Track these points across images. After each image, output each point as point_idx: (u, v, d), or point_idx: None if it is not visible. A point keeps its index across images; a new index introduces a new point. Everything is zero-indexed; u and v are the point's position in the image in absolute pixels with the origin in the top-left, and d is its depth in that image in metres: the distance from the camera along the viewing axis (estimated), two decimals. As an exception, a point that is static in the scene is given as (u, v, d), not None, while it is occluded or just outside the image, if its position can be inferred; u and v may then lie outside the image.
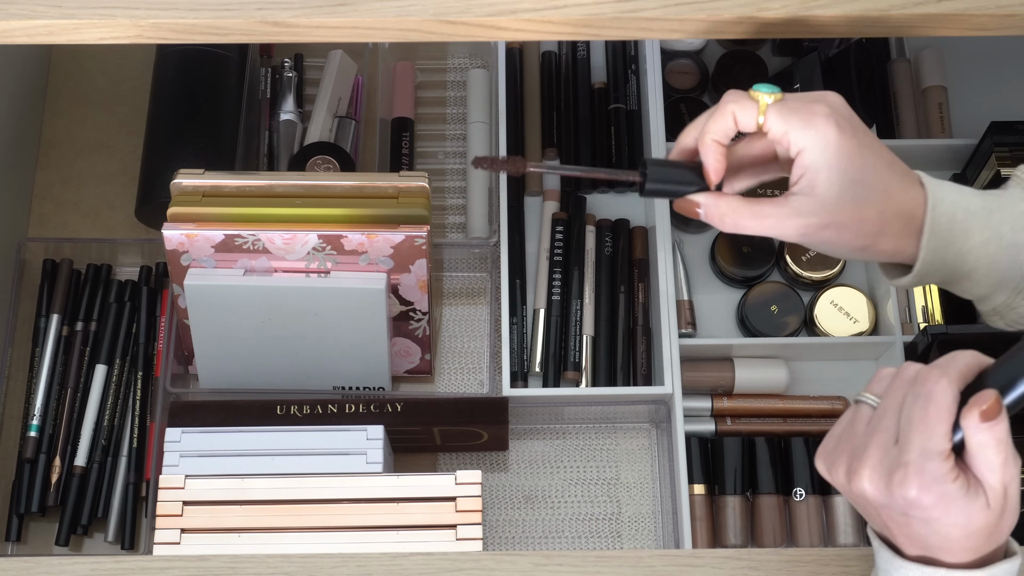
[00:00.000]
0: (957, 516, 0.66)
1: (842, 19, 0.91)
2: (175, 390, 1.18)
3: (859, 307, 1.24)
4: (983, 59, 1.39)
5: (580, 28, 0.92)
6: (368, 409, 1.12)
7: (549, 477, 1.21)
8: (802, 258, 1.26)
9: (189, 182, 1.10)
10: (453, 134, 1.35)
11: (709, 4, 0.91)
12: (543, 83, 1.35)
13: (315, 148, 1.24)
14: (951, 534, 0.67)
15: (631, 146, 1.31)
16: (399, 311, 1.17)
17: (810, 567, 0.83)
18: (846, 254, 0.84)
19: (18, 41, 0.93)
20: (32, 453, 1.18)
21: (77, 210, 1.31)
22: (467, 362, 1.26)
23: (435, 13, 0.91)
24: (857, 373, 1.25)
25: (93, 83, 1.36)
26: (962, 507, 0.66)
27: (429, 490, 1.05)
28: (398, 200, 1.09)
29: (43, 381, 1.20)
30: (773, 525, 1.17)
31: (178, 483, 1.05)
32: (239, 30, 0.92)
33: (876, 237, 0.82)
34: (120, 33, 0.92)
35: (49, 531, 1.18)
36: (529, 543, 1.19)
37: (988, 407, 0.65)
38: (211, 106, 1.25)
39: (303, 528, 1.04)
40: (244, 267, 1.10)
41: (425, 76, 1.37)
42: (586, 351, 1.23)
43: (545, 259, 1.26)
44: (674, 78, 1.35)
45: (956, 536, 0.67)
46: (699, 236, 1.30)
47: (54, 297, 1.24)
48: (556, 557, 0.84)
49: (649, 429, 1.23)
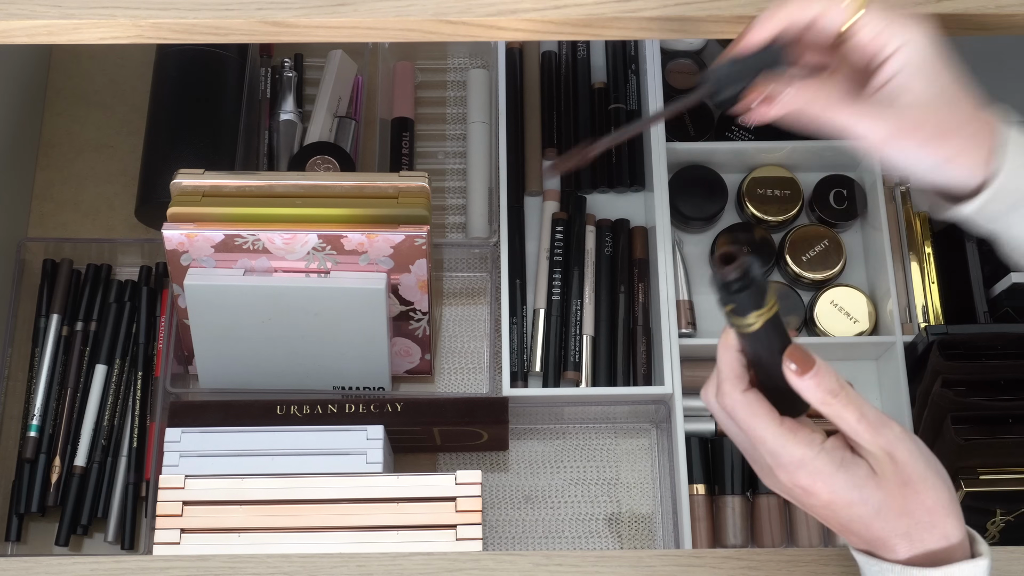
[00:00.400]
0: (846, 492, 0.68)
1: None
2: (175, 390, 1.18)
3: (859, 307, 1.24)
4: (983, 59, 1.38)
5: (580, 28, 0.92)
6: (368, 409, 1.12)
7: (549, 477, 1.21)
8: (802, 258, 1.26)
9: (189, 182, 1.10)
10: (453, 134, 1.35)
11: (709, 4, 0.91)
12: (543, 83, 1.35)
13: (315, 148, 1.24)
14: (860, 515, 0.68)
15: (631, 146, 1.31)
16: (399, 311, 1.17)
17: (810, 567, 0.83)
18: (921, 171, 0.79)
19: (18, 41, 0.93)
20: (32, 453, 1.18)
21: (77, 210, 1.31)
22: (467, 362, 1.26)
23: (435, 13, 0.91)
24: (857, 373, 1.25)
25: (93, 83, 1.36)
26: (843, 481, 0.68)
27: (429, 490, 1.05)
28: (398, 200, 1.09)
29: (43, 381, 1.20)
30: (773, 525, 1.17)
31: (178, 483, 1.05)
32: (239, 30, 0.92)
33: (958, 152, 0.78)
34: (120, 33, 0.92)
35: (49, 531, 1.17)
36: (529, 543, 1.19)
37: (794, 357, 0.68)
38: (211, 106, 1.25)
39: (303, 528, 1.04)
40: (244, 267, 1.10)
41: (425, 76, 1.37)
42: (586, 351, 1.23)
43: (545, 259, 1.26)
44: (674, 78, 1.35)
45: (866, 516, 0.68)
46: (699, 236, 1.30)
47: (54, 297, 1.24)
48: (556, 557, 0.84)
49: (649, 429, 1.23)
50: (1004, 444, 1.11)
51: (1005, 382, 1.14)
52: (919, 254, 1.24)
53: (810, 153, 1.29)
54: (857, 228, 1.31)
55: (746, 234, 1.27)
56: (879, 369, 1.24)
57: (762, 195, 1.29)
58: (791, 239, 1.27)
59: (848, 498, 0.68)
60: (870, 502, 0.68)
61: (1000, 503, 1.11)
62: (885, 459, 0.68)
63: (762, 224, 1.28)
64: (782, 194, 1.29)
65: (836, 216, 1.28)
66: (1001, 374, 1.14)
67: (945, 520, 0.69)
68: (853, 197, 1.28)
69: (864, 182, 1.29)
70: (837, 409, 0.68)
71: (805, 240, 1.27)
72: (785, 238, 1.27)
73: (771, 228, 1.29)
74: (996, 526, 1.13)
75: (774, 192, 1.29)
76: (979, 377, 1.13)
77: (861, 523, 0.69)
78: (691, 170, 1.29)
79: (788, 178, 1.29)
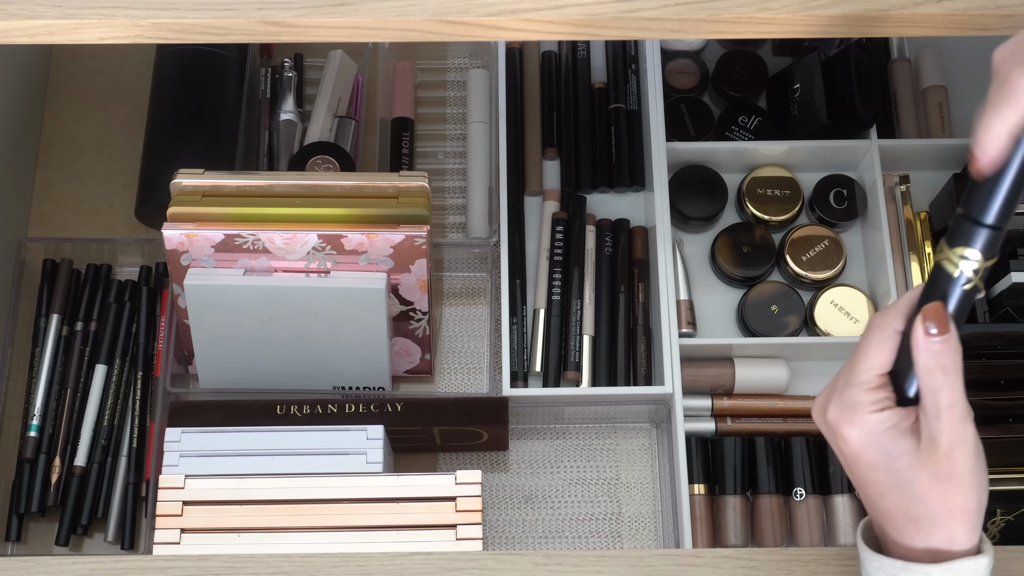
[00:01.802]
0: (876, 454, 0.66)
1: (842, 19, 0.91)
2: (175, 390, 1.18)
3: (859, 307, 1.24)
4: (983, 59, 1.38)
5: (580, 28, 0.92)
6: (368, 409, 1.12)
7: (549, 477, 1.21)
8: (802, 258, 1.26)
9: (189, 182, 1.10)
10: (453, 134, 1.35)
11: (709, 4, 0.91)
12: (543, 83, 1.35)
13: (315, 148, 1.24)
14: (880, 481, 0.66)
15: (631, 146, 1.31)
16: (399, 311, 1.17)
17: (810, 567, 0.83)
18: None
19: (18, 41, 0.93)
20: (32, 453, 1.18)
21: (77, 210, 1.31)
22: (467, 362, 1.26)
23: (435, 13, 0.91)
24: (857, 373, 1.25)
25: (93, 83, 1.36)
26: (881, 443, 0.66)
27: (429, 490, 1.05)
28: (398, 200, 1.09)
29: (43, 381, 1.20)
30: (773, 525, 1.17)
31: (178, 483, 1.05)
32: (239, 30, 0.92)
33: None
34: (120, 33, 0.92)
35: (49, 531, 1.18)
36: (529, 543, 1.19)
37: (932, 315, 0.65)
38: (211, 106, 1.25)
39: (303, 528, 1.04)
40: (244, 267, 1.10)
41: (425, 76, 1.37)
42: (586, 351, 1.23)
43: (545, 259, 1.26)
44: (674, 78, 1.35)
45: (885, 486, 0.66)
46: (699, 236, 1.30)
47: (54, 297, 1.24)
48: (556, 557, 0.84)
49: (649, 429, 1.23)
50: (1004, 444, 1.11)
51: (1005, 381, 1.14)
52: (919, 254, 1.24)
53: (810, 153, 1.29)
54: (857, 228, 1.31)
55: (746, 234, 1.27)
56: (879, 369, 1.24)
57: (762, 195, 1.29)
58: (791, 239, 1.27)
59: (875, 461, 0.67)
60: (897, 475, 0.66)
61: (1000, 503, 1.11)
62: (942, 453, 0.66)
63: (762, 224, 1.28)
64: (782, 194, 1.29)
65: (836, 216, 1.28)
66: (1001, 373, 1.14)
67: (959, 525, 0.67)
68: (853, 197, 1.28)
69: (864, 182, 1.29)
70: (937, 385, 0.65)
71: (805, 240, 1.27)
72: (785, 238, 1.27)
73: (771, 228, 1.29)
74: (996, 526, 1.13)
75: (774, 192, 1.29)
76: (979, 376, 1.14)
77: (877, 490, 0.68)
78: (691, 170, 1.29)
79: (788, 178, 1.29)
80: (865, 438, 0.67)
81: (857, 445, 0.67)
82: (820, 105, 1.27)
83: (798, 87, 1.30)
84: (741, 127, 1.32)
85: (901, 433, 0.67)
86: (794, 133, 1.30)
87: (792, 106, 1.31)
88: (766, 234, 1.28)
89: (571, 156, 1.32)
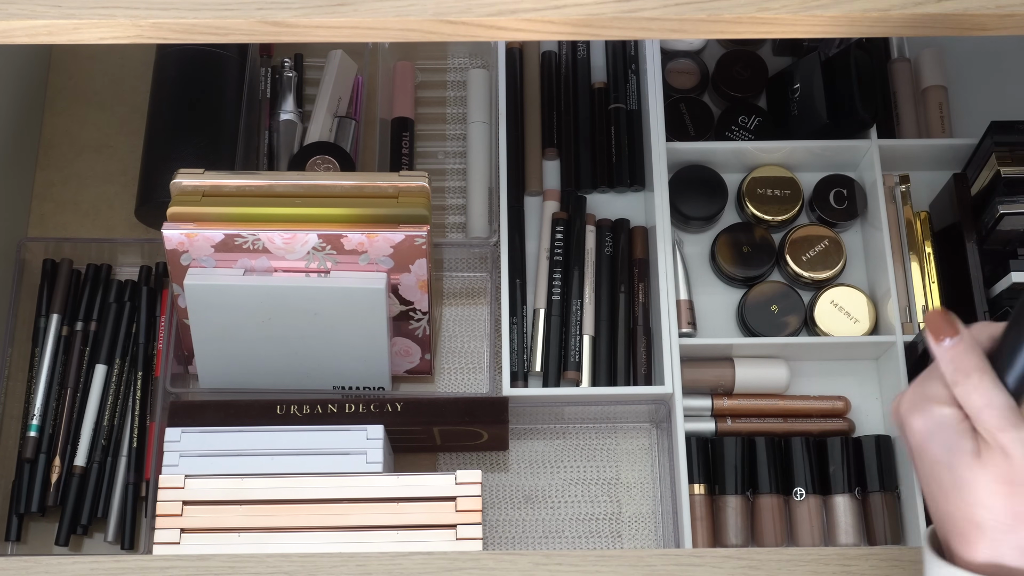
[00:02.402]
0: (939, 449, 0.65)
1: (842, 19, 0.91)
2: (175, 390, 1.18)
3: (859, 307, 1.24)
4: (983, 59, 1.38)
5: (580, 28, 0.92)
6: (368, 409, 1.12)
7: (549, 477, 1.21)
8: (802, 258, 1.26)
9: (189, 182, 1.10)
10: (453, 134, 1.35)
11: (709, 4, 0.90)
12: (543, 83, 1.35)
13: (315, 148, 1.24)
14: (943, 481, 0.65)
15: (631, 146, 1.31)
16: (399, 311, 1.17)
17: (810, 567, 0.83)
18: None
19: (18, 41, 0.93)
20: (32, 453, 1.18)
21: (77, 210, 1.31)
22: (467, 362, 1.26)
23: (435, 13, 0.91)
24: (857, 373, 1.25)
25: (93, 83, 1.36)
26: (944, 439, 0.65)
27: (429, 490, 1.05)
28: (398, 200, 1.09)
29: (43, 381, 1.20)
30: (773, 525, 1.17)
31: (178, 483, 1.05)
32: (239, 30, 0.92)
33: None
34: (120, 33, 0.92)
35: (49, 531, 1.18)
36: (529, 543, 1.19)
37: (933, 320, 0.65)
38: (211, 106, 1.25)
39: (303, 528, 1.04)
40: (244, 267, 1.10)
41: (425, 76, 1.37)
42: (586, 351, 1.23)
43: (545, 259, 1.26)
44: (674, 78, 1.35)
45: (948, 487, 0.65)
46: (699, 236, 1.30)
47: (54, 297, 1.24)
48: (556, 557, 0.84)
49: (649, 429, 1.23)
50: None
51: (1005, 382, 1.14)
52: (919, 254, 1.24)
53: (810, 153, 1.29)
54: (857, 228, 1.31)
55: (746, 234, 1.27)
56: (879, 369, 1.24)
57: (762, 195, 1.29)
58: (791, 239, 1.27)
59: (937, 456, 0.65)
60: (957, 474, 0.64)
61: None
62: (998, 452, 0.63)
63: (762, 224, 1.28)
64: (782, 194, 1.29)
65: (836, 216, 1.28)
66: (1001, 374, 1.14)
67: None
68: (853, 197, 1.28)
69: (864, 182, 1.29)
70: (963, 390, 0.64)
71: (805, 240, 1.27)
72: (785, 238, 1.27)
73: (771, 228, 1.29)
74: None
75: (774, 192, 1.29)
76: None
77: (941, 491, 0.66)
78: (691, 170, 1.29)
79: (788, 178, 1.29)
80: (929, 430, 0.65)
81: (921, 436, 0.66)
82: (820, 105, 1.27)
83: (798, 87, 1.30)
84: (741, 127, 1.32)
85: (966, 432, 0.65)
86: (794, 133, 1.30)
87: (792, 106, 1.31)
88: (766, 234, 1.28)
89: (571, 156, 1.32)
